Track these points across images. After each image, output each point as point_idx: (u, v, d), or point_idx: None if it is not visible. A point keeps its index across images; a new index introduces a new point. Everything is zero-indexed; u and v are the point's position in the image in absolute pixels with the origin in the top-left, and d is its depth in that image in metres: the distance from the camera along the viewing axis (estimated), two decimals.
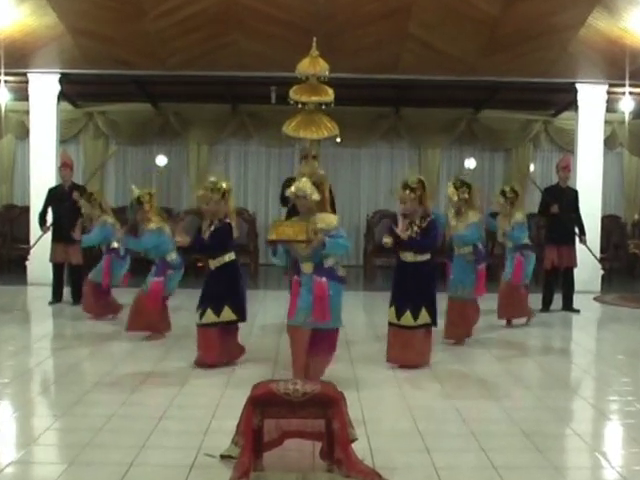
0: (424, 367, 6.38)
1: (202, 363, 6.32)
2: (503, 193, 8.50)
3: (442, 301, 7.02)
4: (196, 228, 6.64)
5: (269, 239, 5.66)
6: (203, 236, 6.41)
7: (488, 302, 8.27)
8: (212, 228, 6.37)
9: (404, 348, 6.32)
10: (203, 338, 6.34)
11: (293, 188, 5.63)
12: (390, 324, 6.42)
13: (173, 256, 7.49)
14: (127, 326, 7.48)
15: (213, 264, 6.41)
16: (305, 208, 5.63)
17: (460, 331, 7.49)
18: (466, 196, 7.41)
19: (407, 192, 6.27)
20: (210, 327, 6.29)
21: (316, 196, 5.56)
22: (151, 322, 7.40)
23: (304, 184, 5.58)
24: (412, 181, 6.31)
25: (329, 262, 5.59)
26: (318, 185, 5.64)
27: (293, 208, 8.19)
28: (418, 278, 6.28)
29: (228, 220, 6.40)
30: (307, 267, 5.61)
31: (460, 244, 7.47)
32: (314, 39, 6.91)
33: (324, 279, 5.50)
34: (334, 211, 8.28)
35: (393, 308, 6.37)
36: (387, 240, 6.23)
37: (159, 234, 7.44)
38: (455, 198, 7.44)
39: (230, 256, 6.42)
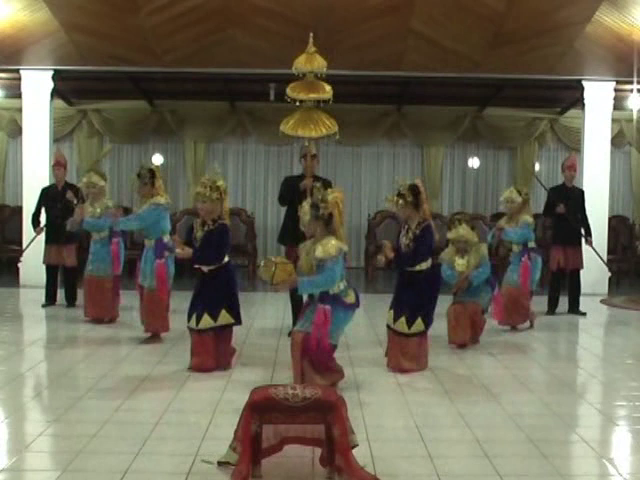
0: (424, 371, 6.32)
1: (198, 370, 6.17)
2: (519, 192, 8.47)
3: (443, 303, 7.02)
4: (188, 228, 6.46)
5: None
6: (195, 238, 6.21)
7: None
8: (206, 229, 6.17)
9: (401, 355, 6.29)
10: (200, 344, 6.20)
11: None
12: (387, 326, 6.39)
13: (168, 237, 7.33)
14: (146, 328, 7.38)
15: (205, 267, 6.23)
16: (310, 232, 5.61)
17: (467, 335, 7.37)
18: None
19: (396, 198, 6.22)
20: (207, 332, 6.15)
21: (307, 218, 5.51)
22: (161, 320, 7.34)
23: (303, 208, 5.57)
24: (402, 187, 6.24)
25: (334, 289, 5.50)
26: (321, 206, 5.49)
27: (292, 206, 8.06)
28: (416, 286, 6.23)
29: (223, 221, 6.21)
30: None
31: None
32: (310, 35, 6.74)
33: (328, 306, 5.43)
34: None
35: (392, 311, 6.34)
36: (380, 257, 6.25)
37: (165, 210, 7.33)
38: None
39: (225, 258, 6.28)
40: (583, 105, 11.48)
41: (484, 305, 7.44)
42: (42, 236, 9.50)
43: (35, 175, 10.91)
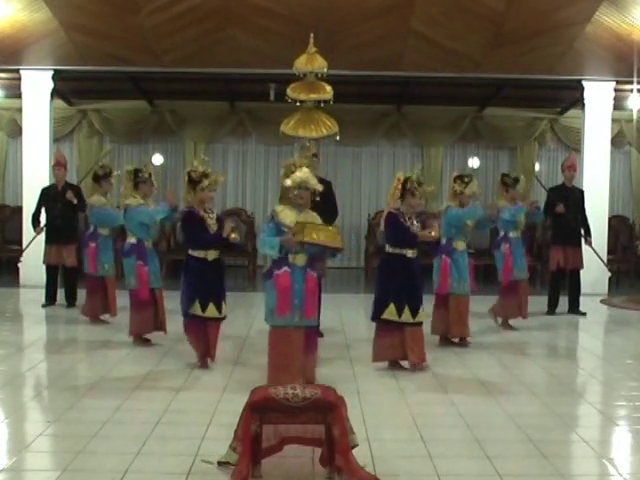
0: (423, 371, 6.32)
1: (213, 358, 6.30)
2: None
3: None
4: (195, 220, 6.27)
5: (299, 240, 5.23)
6: (209, 225, 6.20)
7: (489, 303, 8.29)
8: (214, 216, 6.26)
9: (421, 347, 6.27)
10: (216, 333, 6.30)
11: (297, 178, 5.36)
12: (404, 324, 6.20)
13: None
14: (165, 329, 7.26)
15: (212, 255, 6.22)
16: (305, 201, 5.42)
17: (465, 328, 7.41)
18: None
19: (426, 188, 6.26)
20: (221, 321, 6.30)
21: (319, 188, 5.39)
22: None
23: (308, 175, 5.39)
24: (424, 179, 6.32)
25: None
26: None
27: None
28: (418, 274, 6.30)
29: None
30: (300, 259, 5.39)
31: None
32: (311, 35, 6.74)
33: (315, 274, 5.45)
34: (336, 211, 8.18)
35: (407, 307, 6.17)
36: (435, 234, 6.20)
37: None
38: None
39: None
40: (583, 105, 11.47)
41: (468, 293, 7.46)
42: (42, 236, 9.49)
43: (35, 175, 10.90)
